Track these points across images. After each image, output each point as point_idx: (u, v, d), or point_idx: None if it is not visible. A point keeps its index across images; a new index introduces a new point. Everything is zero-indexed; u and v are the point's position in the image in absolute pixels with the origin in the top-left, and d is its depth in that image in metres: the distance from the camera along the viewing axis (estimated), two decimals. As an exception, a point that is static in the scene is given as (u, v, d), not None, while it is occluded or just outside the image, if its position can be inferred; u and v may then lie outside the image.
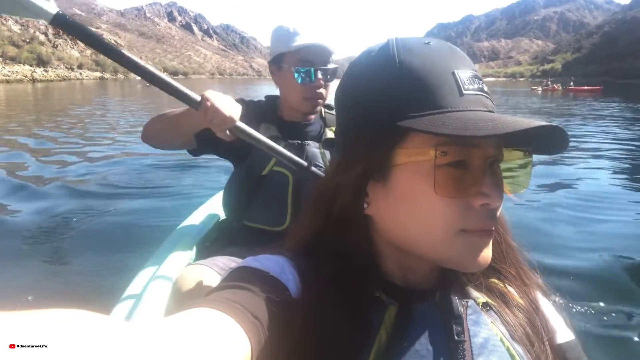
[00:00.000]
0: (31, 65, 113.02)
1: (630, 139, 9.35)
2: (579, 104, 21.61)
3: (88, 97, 27.99)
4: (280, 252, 0.53)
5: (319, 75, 1.42)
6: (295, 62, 1.42)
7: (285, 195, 1.39)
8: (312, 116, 1.54)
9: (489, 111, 0.47)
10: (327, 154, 1.45)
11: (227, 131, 1.17)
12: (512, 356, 0.47)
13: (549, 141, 0.47)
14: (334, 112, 1.75)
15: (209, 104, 1.11)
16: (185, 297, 1.13)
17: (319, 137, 1.52)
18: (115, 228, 3.48)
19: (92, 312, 0.28)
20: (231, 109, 1.15)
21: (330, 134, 1.50)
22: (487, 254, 0.48)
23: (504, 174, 0.51)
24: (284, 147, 1.35)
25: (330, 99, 0.94)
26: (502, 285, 0.55)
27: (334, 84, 1.50)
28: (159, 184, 4.86)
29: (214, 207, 1.98)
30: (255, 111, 1.49)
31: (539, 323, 0.53)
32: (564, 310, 0.58)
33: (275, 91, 1.58)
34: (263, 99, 1.62)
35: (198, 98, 1.11)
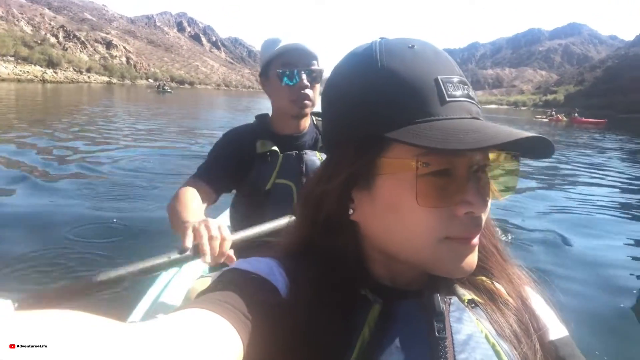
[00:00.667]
0: (42, 66, 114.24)
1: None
2: (586, 136, 21.83)
3: (100, 99, 28.22)
4: (270, 254, 0.54)
5: (303, 76, 1.44)
6: (279, 66, 1.45)
7: (291, 205, 1.41)
8: (306, 126, 1.57)
9: (474, 118, 0.46)
10: None
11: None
12: (497, 353, 0.46)
13: (535, 148, 0.47)
14: None
15: (205, 248, 1.01)
16: None
17: (315, 146, 1.55)
18: (133, 234, 3.56)
19: (89, 314, 0.28)
20: (222, 234, 1.05)
21: None
22: (471, 260, 0.48)
23: (492, 178, 0.50)
24: (282, 159, 1.45)
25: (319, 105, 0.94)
26: (490, 283, 0.55)
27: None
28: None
29: (227, 220, 1.98)
30: (249, 132, 1.54)
31: (527, 320, 0.52)
32: (557, 307, 0.58)
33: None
34: (254, 119, 1.64)
35: (189, 251, 1.01)
